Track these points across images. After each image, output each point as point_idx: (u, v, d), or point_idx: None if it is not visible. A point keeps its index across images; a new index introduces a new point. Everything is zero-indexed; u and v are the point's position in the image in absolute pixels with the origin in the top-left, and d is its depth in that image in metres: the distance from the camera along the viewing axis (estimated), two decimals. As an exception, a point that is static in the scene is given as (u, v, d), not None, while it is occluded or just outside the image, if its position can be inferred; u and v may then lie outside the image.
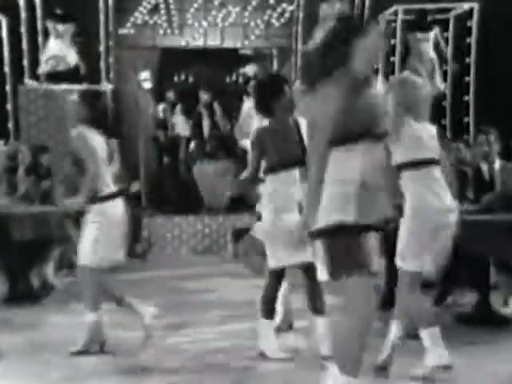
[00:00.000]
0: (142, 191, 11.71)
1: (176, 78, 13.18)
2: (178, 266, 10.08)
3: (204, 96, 11.93)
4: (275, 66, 12.58)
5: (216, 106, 11.91)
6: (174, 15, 11.95)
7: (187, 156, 12.22)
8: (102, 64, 11.46)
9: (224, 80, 13.06)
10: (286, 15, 11.91)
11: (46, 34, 10.98)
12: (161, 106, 12.27)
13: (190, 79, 13.22)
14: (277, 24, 11.95)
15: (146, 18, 11.95)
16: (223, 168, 11.79)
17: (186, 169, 12.18)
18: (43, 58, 10.86)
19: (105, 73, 11.50)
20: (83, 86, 10.80)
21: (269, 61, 12.72)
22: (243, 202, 11.51)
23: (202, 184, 11.86)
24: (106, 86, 11.30)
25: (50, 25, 10.77)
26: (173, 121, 12.18)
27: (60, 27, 10.71)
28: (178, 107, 12.20)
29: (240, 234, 10.65)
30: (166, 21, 11.97)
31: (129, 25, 11.92)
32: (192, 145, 12.20)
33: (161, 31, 11.97)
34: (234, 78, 13.12)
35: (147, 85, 11.85)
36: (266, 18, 11.96)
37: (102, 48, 11.32)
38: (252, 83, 11.71)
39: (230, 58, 12.53)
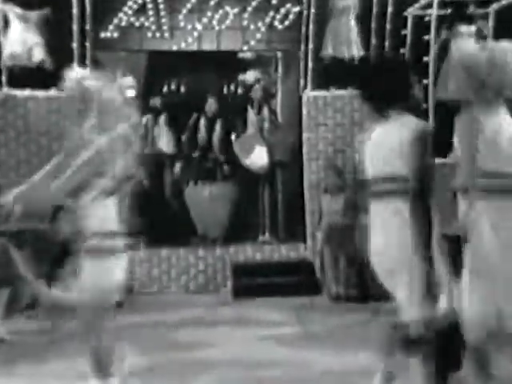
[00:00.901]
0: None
1: (166, 88, 11.30)
2: (164, 310, 8.16)
3: (212, 106, 10.10)
4: (280, 71, 10.74)
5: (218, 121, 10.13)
6: (163, 16, 10.09)
7: (173, 176, 10.30)
8: (76, 66, 9.58)
9: (221, 89, 11.21)
10: (291, 16, 10.07)
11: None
12: (144, 118, 10.39)
13: (182, 88, 11.34)
14: (280, 27, 10.11)
15: (132, 19, 10.08)
16: (221, 191, 9.90)
17: (173, 191, 10.27)
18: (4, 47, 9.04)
19: (77, 77, 9.61)
20: (51, 92, 9.04)
21: (273, 66, 10.87)
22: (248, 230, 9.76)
23: (196, 210, 10.01)
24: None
25: (8, 7, 8.97)
26: (154, 134, 10.28)
27: (23, 13, 8.92)
28: (163, 117, 10.31)
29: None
30: (155, 23, 10.09)
31: (111, 27, 10.05)
32: (178, 165, 10.28)
33: (149, 34, 10.11)
34: (232, 86, 11.23)
35: (130, 93, 9.97)
36: (267, 20, 10.11)
37: (74, 46, 9.48)
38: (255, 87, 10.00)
39: (228, 64, 10.71)
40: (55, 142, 9.08)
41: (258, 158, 9.54)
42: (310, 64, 9.65)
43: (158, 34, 10.06)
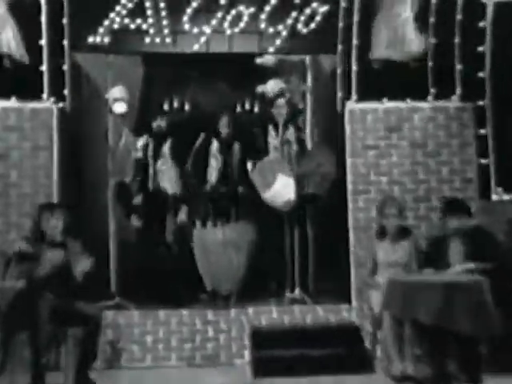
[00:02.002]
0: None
1: (167, 104, 9.08)
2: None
3: (225, 126, 8.01)
4: (310, 80, 8.54)
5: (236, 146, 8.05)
6: (164, 18, 7.95)
7: (177, 219, 8.09)
8: (45, 68, 7.48)
9: (235, 105, 9.01)
10: (318, 18, 7.90)
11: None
12: (141, 140, 8.16)
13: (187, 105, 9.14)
14: (304, 31, 7.94)
15: (126, 21, 7.93)
16: (237, 234, 7.72)
17: (175, 236, 8.05)
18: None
19: (48, 83, 7.50)
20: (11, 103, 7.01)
21: (298, 74, 8.64)
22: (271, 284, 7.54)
23: (204, 258, 7.79)
24: (52, 104, 7.35)
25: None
26: (157, 167, 8.06)
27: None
28: (167, 146, 8.09)
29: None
30: (154, 25, 7.93)
31: (102, 30, 7.88)
32: (182, 213, 8.09)
33: (147, 39, 7.96)
34: (248, 100, 9.06)
35: (120, 108, 7.75)
36: (289, 22, 7.95)
37: (43, 42, 7.35)
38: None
39: (243, 73, 8.54)
40: (14, 170, 7.12)
41: (281, 190, 7.29)
42: (355, 68, 7.47)
43: (157, 39, 7.92)
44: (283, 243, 7.64)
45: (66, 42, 7.60)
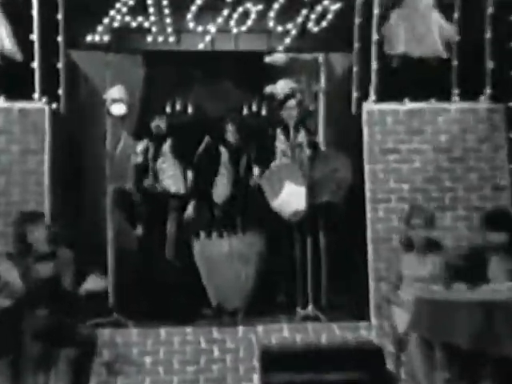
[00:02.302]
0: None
1: (169, 106, 8.49)
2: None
3: (229, 129, 7.48)
4: (323, 80, 7.93)
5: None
6: (167, 15, 7.39)
7: (181, 226, 7.47)
8: (36, 65, 6.90)
9: (241, 110, 8.43)
10: (330, 16, 7.33)
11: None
12: (141, 145, 7.60)
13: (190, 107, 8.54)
14: (315, 29, 7.38)
15: (127, 19, 7.36)
16: (245, 246, 7.11)
17: (178, 247, 7.44)
18: None
19: (40, 82, 6.91)
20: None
21: (311, 73, 8.03)
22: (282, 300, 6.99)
23: (209, 271, 7.19)
24: (44, 104, 6.82)
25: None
26: (157, 166, 7.49)
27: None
28: (168, 145, 7.54)
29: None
30: (157, 23, 7.37)
31: (101, 29, 7.32)
32: (190, 208, 7.46)
33: (149, 38, 7.40)
34: (253, 105, 8.47)
35: (118, 109, 7.16)
36: (299, 20, 7.39)
37: (35, 37, 6.78)
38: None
39: (250, 72, 7.96)
40: (1, 176, 6.67)
41: (289, 199, 6.68)
42: (374, 66, 6.89)
43: (160, 38, 7.38)
44: (295, 255, 7.04)
45: (60, 39, 7.04)
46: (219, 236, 7.20)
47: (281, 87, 7.64)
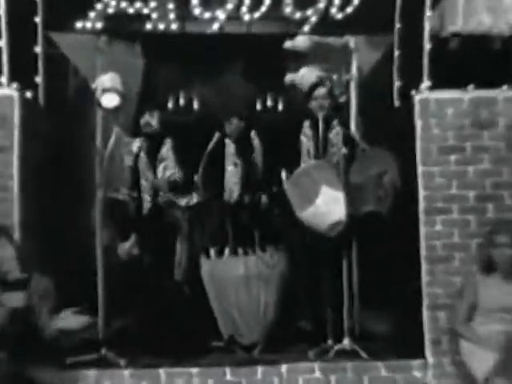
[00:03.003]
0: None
1: (171, 102, 7.16)
2: None
3: (233, 123, 6.22)
4: (355, 68, 6.65)
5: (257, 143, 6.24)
6: (170, 0, 6.26)
7: (185, 242, 6.15)
8: (3, 44, 5.65)
9: (254, 104, 7.14)
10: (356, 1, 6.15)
11: None
12: (135, 144, 6.28)
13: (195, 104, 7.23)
14: (339, 16, 6.20)
15: (124, 4, 6.24)
16: (264, 266, 5.80)
17: (184, 267, 6.08)
18: None
19: (9, 64, 5.66)
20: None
21: (340, 60, 6.74)
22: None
23: (220, 297, 5.89)
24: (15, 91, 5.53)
25: None
26: (158, 169, 6.20)
27: None
28: (167, 146, 6.24)
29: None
30: (158, 9, 6.27)
31: (93, 15, 6.19)
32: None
33: (148, 26, 6.27)
34: (269, 98, 7.19)
35: (110, 100, 5.83)
36: (321, 5, 6.19)
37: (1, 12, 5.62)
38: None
39: (267, 60, 6.69)
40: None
41: (327, 208, 5.37)
42: (428, 46, 5.64)
43: (161, 25, 6.29)
44: (326, 276, 5.74)
45: (38, 20, 5.88)
46: (233, 253, 5.90)
47: (305, 76, 6.38)
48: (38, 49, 5.90)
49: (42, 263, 4.89)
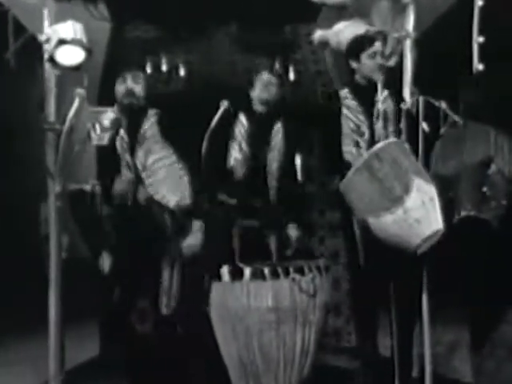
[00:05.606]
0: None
1: (148, 66, 5.28)
2: None
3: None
4: (411, 23, 4.91)
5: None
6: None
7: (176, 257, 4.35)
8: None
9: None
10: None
11: None
12: (108, 115, 4.37)
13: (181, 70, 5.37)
14: None
15: None
16: (303, 294, 3.94)
17: (175, 294, 4.26)
18: None
19: None
20: None
21: (390, 14, 4.98)
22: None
23: (233, 340, 4.02)
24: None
25: None
26: (139, 161, 4.35)
27: None
28: (153, 119, 4.39)
29: None
30: None
31: None
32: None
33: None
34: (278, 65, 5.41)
35: (71, 56, 3.96)
36: None
37: None
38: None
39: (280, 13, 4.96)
40: None
41: (425, 210, 3.55)
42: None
43: None
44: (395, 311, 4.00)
45: None
46: (253, 275, 4.06)
47: (345, 30, 4.63)
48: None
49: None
